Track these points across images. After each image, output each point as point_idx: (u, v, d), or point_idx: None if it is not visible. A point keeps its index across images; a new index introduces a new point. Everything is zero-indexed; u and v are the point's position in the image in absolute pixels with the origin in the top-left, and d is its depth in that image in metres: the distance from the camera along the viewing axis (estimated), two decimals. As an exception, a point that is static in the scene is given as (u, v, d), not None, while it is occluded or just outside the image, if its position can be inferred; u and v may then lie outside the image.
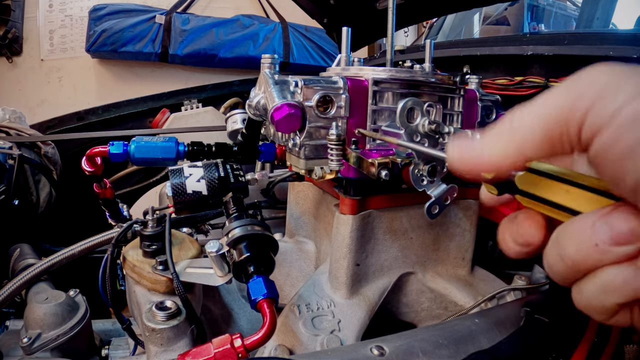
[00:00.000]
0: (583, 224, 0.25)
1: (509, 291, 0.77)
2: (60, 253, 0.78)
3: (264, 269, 0.59)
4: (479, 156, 0.28)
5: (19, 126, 1.59)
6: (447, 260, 0.82)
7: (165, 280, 0.67)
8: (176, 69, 2.67)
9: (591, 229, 0.25)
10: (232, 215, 0.69)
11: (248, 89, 0.76)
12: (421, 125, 0.53)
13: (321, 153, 0.64)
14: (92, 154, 0.76)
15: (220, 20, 2.58)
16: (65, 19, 2.62)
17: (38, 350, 0.72)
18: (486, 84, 1.10)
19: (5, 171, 1.27)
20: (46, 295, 0.77)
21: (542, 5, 2.85)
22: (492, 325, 0.62)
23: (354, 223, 0.70)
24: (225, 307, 0.86)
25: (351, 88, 0.64)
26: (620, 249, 0.24)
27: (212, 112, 2.06)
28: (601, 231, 0.24)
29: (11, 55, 2.54)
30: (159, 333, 0.61)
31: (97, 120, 2.08)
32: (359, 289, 0.74)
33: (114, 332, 0.97)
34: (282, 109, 0.59)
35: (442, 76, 0.70)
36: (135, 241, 0.76)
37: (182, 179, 0.76)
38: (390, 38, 0.78)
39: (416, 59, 0.81)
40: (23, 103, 2.53)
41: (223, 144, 0.80)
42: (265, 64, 0.66)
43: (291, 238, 0.94)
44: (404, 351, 0.54)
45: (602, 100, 0.23)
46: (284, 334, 0.66)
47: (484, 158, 0.28)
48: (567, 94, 0.25)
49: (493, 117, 0.78)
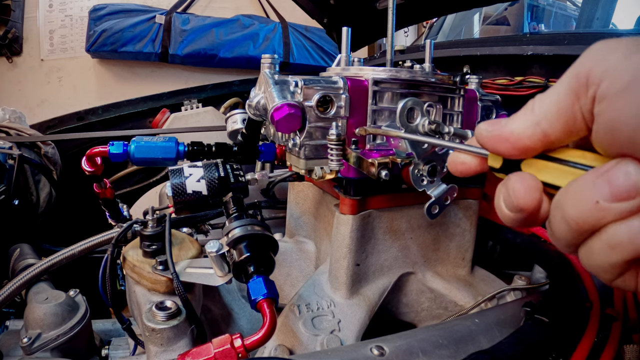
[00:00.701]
0: (584, 183, 0.26)
1: (509, 291, 0.77)
2: (60, 253, 0.78)
3: (264, 269, 0.59)
4: (504, 132, 0.30)
5: (19, 126, 1.59)
6: (447, 260, 0.82)
7: (165, 280, 0.67)
8: (176, 69, 2.67)
9: (592, 187, 0.25)
10: (232, 215, 0.69)
11: (248, 89, 0.76)
12: (421, 125, 0.53)
13: (321, 153, 0.64)
14: (92, 154, 0.76)
15: (220, 20, 2.58)
16: (65, 19, 2.62)
17: (38, 350, 0.72)
18: (486, 84, 1.11)
19: (5, 171, 1.27)
20: (46, 295, 0.77)
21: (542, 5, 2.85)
22: (492, 325, 0.62)
23: (354, 223, 0.70)
24: (225, 307, 0.86)
25: (351, 88, 0.64)
26: (621, 204, 0.24)
27: (212, 112, 2.06)
28: (601, 188, 0.25)
29: (11, 55, 2.54)
30: (159, 333, 0.61)
31: (97, 120, 2.08)
32: (359, 289, 0.74)
33: (114, 332, 0.97)
34: (282, 109, 0.59)
35: (442, 76, 0.70)
36: (135, 241, 0.76)
37: (182, 179, 0.76)
38: (390, 38, 0.78)
39: (416, 59, 0.81)
40: (23, 103, 2.53)
41: (223, 144, 0.80)
42: (265, 64, 0.66)
43: (291, 238, 0.94)
44: (404, 351, 0.54)
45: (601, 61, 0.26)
46: (284, 334, 0.66)
47: (507, 134, 0.30)
48: (572, 67, 0.28)
49: (493, 117, 0.78)
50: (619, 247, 0.25)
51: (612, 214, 0.24)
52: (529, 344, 0.55)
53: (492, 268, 0.86)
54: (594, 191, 0.25)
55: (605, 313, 0.58)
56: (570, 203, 0.26)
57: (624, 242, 0.24)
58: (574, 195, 0.26)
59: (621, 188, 0.24)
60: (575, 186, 0.26)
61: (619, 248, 0.25)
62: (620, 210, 0.24)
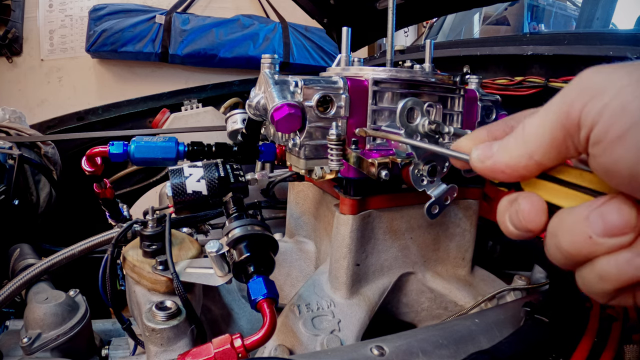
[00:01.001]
0: (577, 216, 0.26)
1: (509, 291, 0.77)
2: (60, 253, 0.78)
3: (264, 269, 0.59)
4: (499, 164, 0.31)
5: (19, 126, 1.59)
6: (447, 260, 0.82)
7: (165, 280, 0.67)
8: (176, 69, 2.67)
9: (585, 221, 0.26)
10: (232, 215, 0.69)
11: (248, 89, 0.76)
12: (421, 125, 0.53)
13: (321, 153, 0.64)
14: (92, 154, 0.76)
15: (220, 20, 2.58)
16: (65, 19, 2.62)
17: (38, 350, 0.72)
18: (486, 84, 1.10)
19: (5, 171, 1.27)
20: (46, 295, 0.77)
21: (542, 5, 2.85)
22: (492, 325, 0.62)
23: (354, 223, 0.70)
24: (225, 307, 0.86)
25: (351, 88, 0.64)
26: (613, 240, 0.25)
27: (212, 112, 2.06)
28: (595, 223, 0.25)
29: (11, 55, 2.54)
30: (159, 333, 0.61)
31: (97, 120, 2.07)
32: (359, 289, 0.74)
33: (114, 332, 0.97)
34: (282, 109, 0.59)
35: (442, 76, 0.70)
36: (135, 241, 0.76)
37: (182, 179, 0.76)
38: (390, 38, 0.78)
39: (416, 59, 0.81)
40: (23, 103, 2.53)
41: (223, 144, 0.80)
42: (265, 64, 0.66)
43: (291, 238, 0.94)
44: (404, 351, 0.54)
45: (592, 100, 0.25)
46: (284, 334, 0.66)
47: (502, 166, 0.31)
48: (563, 101, 0.27)
49: (493, 117, 0.78)
50: (607, 278, 0.26)
51: (604, 248, 0.25)
52: (529, 344, 0.55)
53: (492, 268, 0.86)
54: (588, 226, 0.26)
55: (605, 313, 0.58)
56: (564, 235, 0.27)
57: (612, 274, 0.25)
58: (568, 227, 0.27)
59: (614, 224, 0.25)
60: (570, 219, 0.27)
61: (608, 279, 0.26)
62: (611, 245, 0.25)
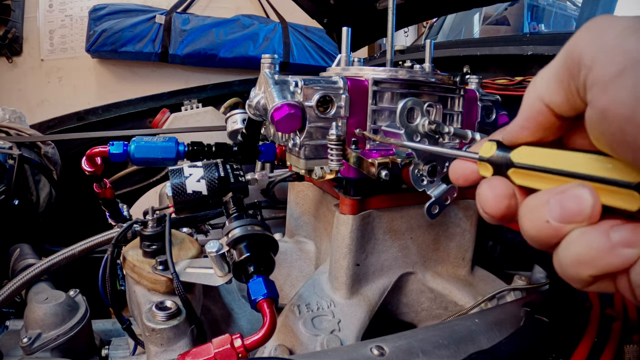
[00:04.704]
0: (539, 200, 0.27)
1: (509, 291, 0.77)
2: (60, 253, 0.78)
3: (264, 269, 0.59)
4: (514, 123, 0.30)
5: (19, 126, 1.59)
6: (447, 260, 0.82)
7: (165, 280, 0.67)
8: (176, 69, 2.67)
9: (544, 206, 0.26)
10: (232, 215, 0.69)
11: (248, 89, 0.76)
12: (421, 125, 0.53)
13: (321, 153, 0.64)
14: (92, 154, 0.76)
15: (220, 20, 2.58)
16: (65, 19, 2.62)
17: (38, 350, 0.72)
18: (486, 84, 1.10)
19: (5, 171, 1.27)
20: (46, 295, 0.77)
21: (542, 5, 2.85)
22: (492, 325, 0.62)
23: (354, 223, 0.70)
24: (225, 307, 0.86)
25: (351, 88, 0.64)
26: (569, 226, 0.25)
27: (212, 112, 2.06)
28: (553, 208, 0.25)
29: (11, 55, 2.54)
30: (159, 333, 0.61)
31: (97, 120, 2.07)
32: (359, 289, 0.74)
33: (114, 332, 0.97)
34: (282, 109, 0.59)
35: (442, 76, 0.70)
36: (135, 241, 0.76)
37: (182, 179, 0.76)
38: (390, 38, 0.78)
39: (416, 59, 0.81)
40: (23, 103, 2.53)
41: (223, 144, 0.80)
42: (265, 64, 0.66)
43: (291, 238, 0.94)
44: (404, 351, 0.54)
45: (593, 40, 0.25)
46: (284, 334, 0.66)
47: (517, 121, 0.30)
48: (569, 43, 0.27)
49: (493, 117, 0.78)
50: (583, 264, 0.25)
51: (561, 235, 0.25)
52: (529, 344, 0.55)
53: (492, 268, 0.86)
54: (546, 210, 0.26)
55: (605, 313, 0.58)
56: (525, 217, 0.27)
57: (585, 259, 0.25)
58: (529, 211, 0.27)
59: (570, 211, 0.25)
60: (532, 203, 0.27)
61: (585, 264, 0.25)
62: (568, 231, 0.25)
